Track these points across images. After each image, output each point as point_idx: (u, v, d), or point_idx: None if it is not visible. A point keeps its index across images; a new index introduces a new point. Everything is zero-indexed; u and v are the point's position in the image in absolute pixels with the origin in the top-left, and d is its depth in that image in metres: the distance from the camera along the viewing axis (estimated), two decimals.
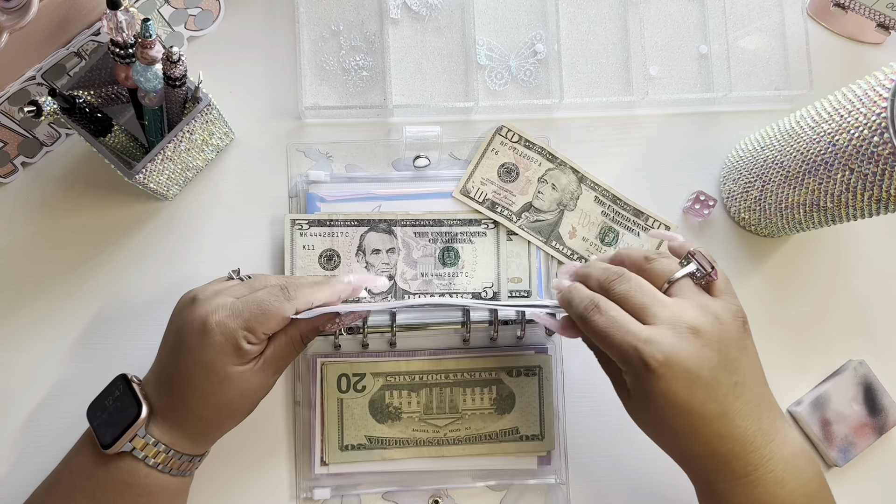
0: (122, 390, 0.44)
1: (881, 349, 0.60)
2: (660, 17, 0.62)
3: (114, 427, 0.43)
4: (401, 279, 0.56)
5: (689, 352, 0.39)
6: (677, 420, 0.39)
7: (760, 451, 0.40)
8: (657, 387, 0.39)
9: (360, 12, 0.60)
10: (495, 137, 0.59)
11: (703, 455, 0.40)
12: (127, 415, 0.43)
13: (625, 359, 0.40)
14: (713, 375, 0.39)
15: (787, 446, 0.41)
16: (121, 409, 0.43)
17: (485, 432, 0.54)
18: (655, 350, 0.38)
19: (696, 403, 0.39)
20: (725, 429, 0.39)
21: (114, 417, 0.43)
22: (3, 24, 0.46)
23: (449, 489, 0.55)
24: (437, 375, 0.54)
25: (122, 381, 0.45)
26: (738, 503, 0.40)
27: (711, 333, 0.40)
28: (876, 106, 0.44)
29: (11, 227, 0.56)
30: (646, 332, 0.39)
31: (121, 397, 0.44)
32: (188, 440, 0.44)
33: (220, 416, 0.45)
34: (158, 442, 0.43)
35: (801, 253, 0.60)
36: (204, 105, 0.50)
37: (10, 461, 0.53)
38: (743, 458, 0.40)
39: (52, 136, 0.57)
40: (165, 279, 0.56)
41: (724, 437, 0.39)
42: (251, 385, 0.45)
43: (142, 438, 0.43)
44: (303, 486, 0.54)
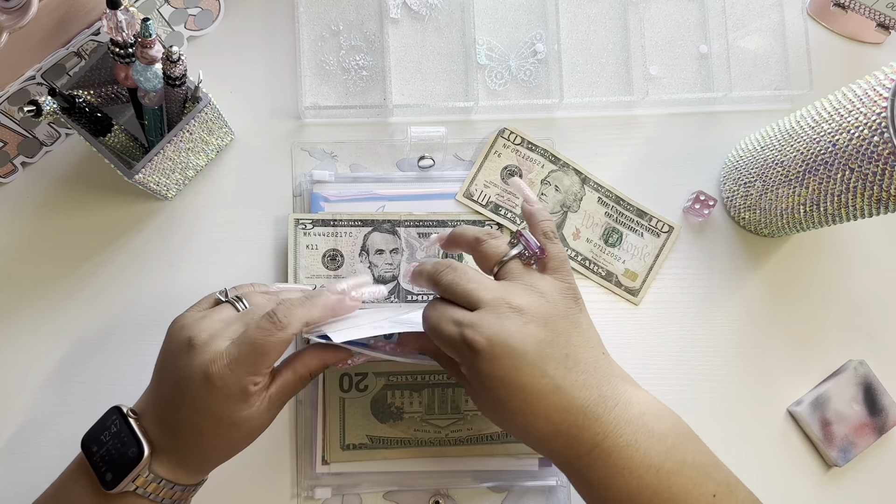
0: (118, 426, 0.42)
1: (881, 349, 0.60)
2: (660, 17, 0.62)
3: (114, 466, 0.41)
4: (403, 279, 0.56)
5: (511, 330, 0.39)
6: (513, 400, 0.39)
7: (604, 418, 0.39)
8: (485, 368, 0.39)
9: (360, 12, 0.60)
10: (497, 140, 0.59)
11: (549, 434, 0.40)
12: (128, 454, 0.41)
13: (454, 347, 0.40)
14: (538, 350, 0.39)
15: (632, 407, 0.40)
16: (120, 448, 0.42)
17: (486, 433, 0.54)
18: (478, 333, 0.39)
19: (526, 380, 0.39)
20: (563, 402, 0.39)
21: (113, 455, 0.42)
22: (2, 24, 0.46)
23: (450, 490, 0.55)
24: (439, 376, 0.54)
25: (117, 416, 0.43)
26: (598, 476, 0.39)
27: (536, 311, 0.40)
28: (876, 106, 0.44)
29: (11, 227, 0.56)
30: (469, 317, 0.40)
31: (118, 434, 0.42)
32: (188, 473, 0.44)
33: (224, 454, 0.44)
34: (160, 478, 0.42)
35: (801, 253, 0.60)
36: (204, 105, 0.50)
37: (9, 460, 0.53)
38: (589, 429, 0.39)
39: (52, 136, 0.57)
40: (165, 279, 0.56)
41: (564, 411, 0.39)
42: (257, 423, 0.44)
43: (143, 477, 0.42)
44: (304, 485, 0.54)
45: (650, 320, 0.58)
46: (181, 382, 0.42)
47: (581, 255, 0.58)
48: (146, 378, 0.55)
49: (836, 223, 0.51)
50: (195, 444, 0.43)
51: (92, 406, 0.54)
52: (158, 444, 0.42)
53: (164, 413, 0.43)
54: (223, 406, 0.41)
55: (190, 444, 0.43)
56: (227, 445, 0.44)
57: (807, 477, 0.57)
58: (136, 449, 0.41)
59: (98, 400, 0.54)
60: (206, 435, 0.42)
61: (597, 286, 0.58)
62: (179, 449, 0.43)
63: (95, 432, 0.43)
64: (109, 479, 0.41)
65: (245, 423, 0.43)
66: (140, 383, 0.54)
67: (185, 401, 0.42)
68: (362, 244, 0.56)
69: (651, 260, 0.59)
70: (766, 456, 0.57)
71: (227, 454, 0.45)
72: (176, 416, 0.42)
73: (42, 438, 0.54)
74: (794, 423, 0.58)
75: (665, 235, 0.59)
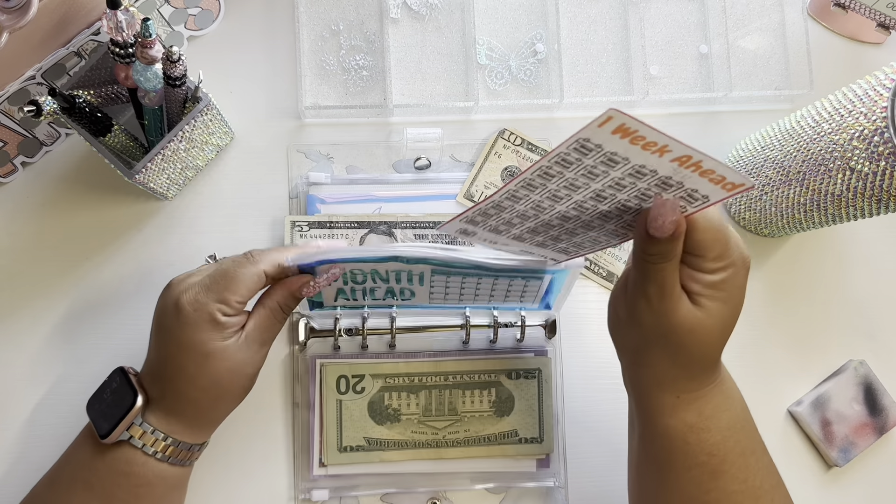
0: (118, 382, 0.45)
1: (881, 349, 0.60)
2: (660, 17, 0.62)
3: (111, 417, 0.43)
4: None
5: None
6: (729, 323, 0.41)
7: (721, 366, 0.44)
8: (741, 283, 0.40)
9: (360, 12, 0.60)
10: (498, 141, 0.59)
11: (711, 360, 0.42)
12: (123, 404, 0.43)
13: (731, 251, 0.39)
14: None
15: None
16: (118, 400, 0.44)
17: (484, 434, 0.54)
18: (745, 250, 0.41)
19: (736, 316, 0.41)
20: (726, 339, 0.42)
21: (111, 408, 0.44)
22: (2, 24, 0.46)
23: (447, 491, 0.55)
24: (437, 377, 0.54)
25: (119, 374, 0.45)
26: (714, 404, 0.42)
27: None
28: (876, 106, 0.44)
29: (11, 227, 0.56)
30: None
31: (118, 389, 0.44)
32: (185, 426, 0.45)
33: (209, 398, 0.45)
34: (156, 430, 0.43)
35: (801, 253, 0.60)
36: (204, 105, 0.50)
37: (9, 460, 0.53)
38: (716, 368, 0.43)
39: (52, 136, 0.57)
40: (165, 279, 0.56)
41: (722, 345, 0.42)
42: (237, 360, 0.44)
43: (139, 427, 0.43)
44: (301, 488, 0.54)
45: None
46: (159, 318, 0.44)
47: None
48: None
49: (836, 223, 0.51)
50: (178, 384, 0.44)
51: None
52: (152, 394, 0.44)
53: (150, 360, 0.45)
54: (193, 333, 0.43)
55: (175, 385, 0.44)
56: (209, 387, 0.44)
57: (807, 477, 0.57)
58: (131, 398, 0.43)
59: None
60: (185, 371, 0.43)
61: (598, 286, 0.58)
62: (167, 394, 0.44)
63: (99, 392, 0.45)
64: (105, 429, 0.43)
65: (220, 356, 0.43)
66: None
67: (162, 335, 0.44)
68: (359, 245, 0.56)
69: None
70: None
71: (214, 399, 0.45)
72: (157, 356, 0.44)
73: (42, 438, 0.54)
74: (794, 424, 0.58)
75: None
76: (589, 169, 0.35)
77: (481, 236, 0.44)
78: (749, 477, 0.42)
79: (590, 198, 0.38)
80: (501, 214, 0.41)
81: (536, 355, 0.55)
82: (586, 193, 0.37)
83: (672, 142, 0.33)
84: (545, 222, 0.41)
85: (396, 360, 0.55)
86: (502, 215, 0.41)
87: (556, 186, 0.37)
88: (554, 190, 0.37)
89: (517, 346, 0.56)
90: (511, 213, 0.41)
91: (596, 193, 0.37)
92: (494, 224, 0.42)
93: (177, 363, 0.43)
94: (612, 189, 0.37)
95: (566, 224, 0.41)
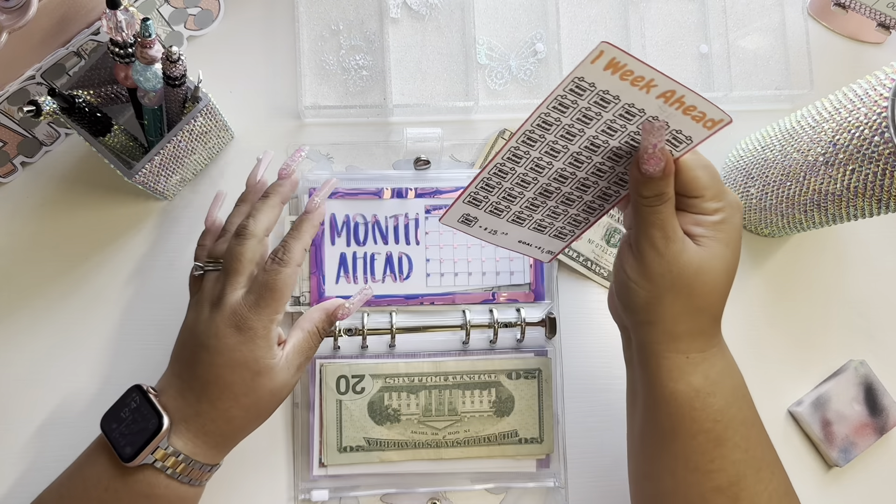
0: (138, 402, 0.44)
1: (882, 349, 0.60)
2: (660, 17, 0.62)
3: (133, 439, 0.42)
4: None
5: None
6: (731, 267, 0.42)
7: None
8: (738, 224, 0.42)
9: (360, 12, 0.60)
10: (497, 141, 0.59)
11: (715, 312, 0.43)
12: (147, 426, 0.42)
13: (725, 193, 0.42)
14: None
15: None
16: (139, 421, 0.43)
17: (484, 435, 0.54)
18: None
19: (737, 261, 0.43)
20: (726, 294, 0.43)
21: (132, 429, 0.43)
22: (2, 24, 0.46)
23: (447, 492, 0.55)
24: (437, 377, 0.54)
25: (137, 393, 0.44)
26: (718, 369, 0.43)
27: None
28: (877, 105, 0.44)
29: (11, 227, 0.56)
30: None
31: (138, 409, 0.43)
32: (210, 447, 0.44)
33: (248, 417, 0.45)
34: (179, 452, 0.43)
35: (801, 253, 0.60)
36: (204, 105, 0.50)
37: (9, 460, 0.53)
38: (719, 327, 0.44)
39: (52, 136, 0.57)
40: (165, 279, 0.56)
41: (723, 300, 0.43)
42: (278, 382, 0.45)
43: (163, 450, 0.42)
44: (301, 488, 0.54)
45: None
46: (207, 340, 0.43)
47: (583, 255, 0.58)
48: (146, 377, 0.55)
49: (836, 223, 0.51)
50: (221, 402, 0.43)
51: (92, 405, 0.54)
52: (180, 414, 0.43)
53: (188, 380, 0.44)
54: (252, 350, 0.43)
55: (216, 404, 0.43)
56: (251, 406, 0.44)
57: (807, 477, 0.57)
58: (156, 421, 0.42)
59: (98, 400, 0.54)
60: (234, 389, 0.43)
61: (599, 286, 0.58)
62: (203, 413, 0.43)
63: (115, 410, 0.44)
64: (129, 452, 0.42)
65: (269, 375, 0.44)
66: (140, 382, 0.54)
67: (214, 356, 0.43)
68: None
69: None
70: None
71: (250, 419, 0.45)
72: (202, 376, 0.43)
73: (42, 438, 0.54)
74: (794, 424, 0.58)
75: None
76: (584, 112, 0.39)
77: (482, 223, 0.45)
78: (751, 447, 0.43)
79: (584, 147, 0.41)
80: (503, 183, 0.43)
81: (536, 355, 0.55)
82: (581, 143, 0.41)
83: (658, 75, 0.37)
84: (543, 189, 0.44)
85: (396, 360, 0.54)
86: (503, 184, 0.43)
87: (554, 137, 0.40)
88: (551, 142, 0.41)
89: (517, 346, 0.56)
90: (512, 181, 0.43)
91: (590, 142, 0.41)
92: (495, 201, 0.44)
93: (225, 381, 0.43)
94: (605, 135, 0.40)
95: (563, 188, 0.44)
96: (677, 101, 0.38)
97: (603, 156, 0.42)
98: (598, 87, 0.37)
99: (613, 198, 0.45)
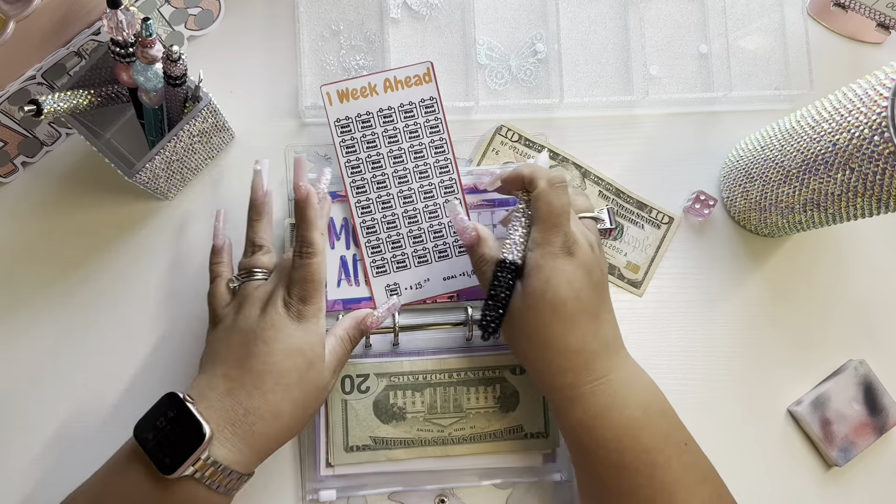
0: (176, 411, 0.42)
1: (881, 349, 0.60)
2: (660, 17, 0.62)
3: (173, 451, 0.41)
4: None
5: (589, 252, 0.47)
6: (570, 304, 0.45)
7: (614, 357, 0.46)
8: (573, 265, 0.45)
9: (360, 12, 0.60)
10: (495, 137, 0.59)
11: (574, 349, 0.45)
12: (187, 437, 0.41)
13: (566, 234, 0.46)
14: (598, 280, 0.46)
15: (629, 357, 0.48)
16: (178, 431, 0.42)
17: (489, 431, 0.54)
18: (581, 237, 0.47)
19: (586, 296, 0.45)
20: (594, 329, 0.46)
21: (171, 440, 0.42)
22: (8, 13, 0.46)
23: (455, 488, 0.55)
24: (441, 375, 0.54)
25: (174, 400, 0.43)
26: (602, 404, 0.45)
27: (597, 252, 0.48)
28: (876, 105, 0.44)
29: (11, 227, 0.56)
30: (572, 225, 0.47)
31: (175, 419, 0.42)
32: (253, 451, 0.44)
33: (294, 414, 0.45)
34: (219, 463, 0.42)
35: (801, 253, 0.60)
36: (204, 104, 0.50)
37: (8, 460, 0.53)
38: (604, 359, 0.45)
39: (52, 136, 0.57)
40: (165, 279, 0.56)
41: (593, 337, 0.45)
42: (325, 378, 0.47)
43: (203, 460, 0.41)
44: (308, 488, 0.54)
45: (650, 320, 0.58)
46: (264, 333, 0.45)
47: None
48: (146, 378, 0.55)
49: (836, 223, 0.52)
50: (274, 394, 0.44)
51: (92, 406, 0.54)
52: (226, 419, 0.43)
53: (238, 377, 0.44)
54: (307, 337, 0.46)
55: (268, 397, 0.44)
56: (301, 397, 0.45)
57: (807, 477, 0.57)
58: (197, 431, 0.41)
59: (98, 400, 0.54)
60: (288, 377, 0.45)
61: None
62: (252, 411, 0.44)
63: (149, 419, 0.43)
64: (168, 463, 0.41)
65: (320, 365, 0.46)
66: (140, 383, 0.54)
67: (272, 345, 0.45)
68: None
69: (652, 252, 0.59)
70: (767, 456, 0.57)
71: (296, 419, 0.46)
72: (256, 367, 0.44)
73: (42, 439, 0.54)
74: (794, 423, 0.58)
75: (665, 226, 0.59)
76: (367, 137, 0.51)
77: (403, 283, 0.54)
78: (656, 473, 0.44)
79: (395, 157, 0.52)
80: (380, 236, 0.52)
81: None
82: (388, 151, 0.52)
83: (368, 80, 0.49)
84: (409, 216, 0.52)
85: (400, 358, 0.55)
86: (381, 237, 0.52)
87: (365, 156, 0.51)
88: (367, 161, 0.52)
89: None
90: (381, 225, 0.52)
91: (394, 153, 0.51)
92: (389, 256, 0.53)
93: (281, 369, 0.45)
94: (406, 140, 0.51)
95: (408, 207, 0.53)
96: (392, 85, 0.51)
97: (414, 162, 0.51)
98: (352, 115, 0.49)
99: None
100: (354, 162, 0.51)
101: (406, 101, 0.51)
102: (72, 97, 0.50)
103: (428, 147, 0.52)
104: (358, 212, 0.51)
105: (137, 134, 0.56)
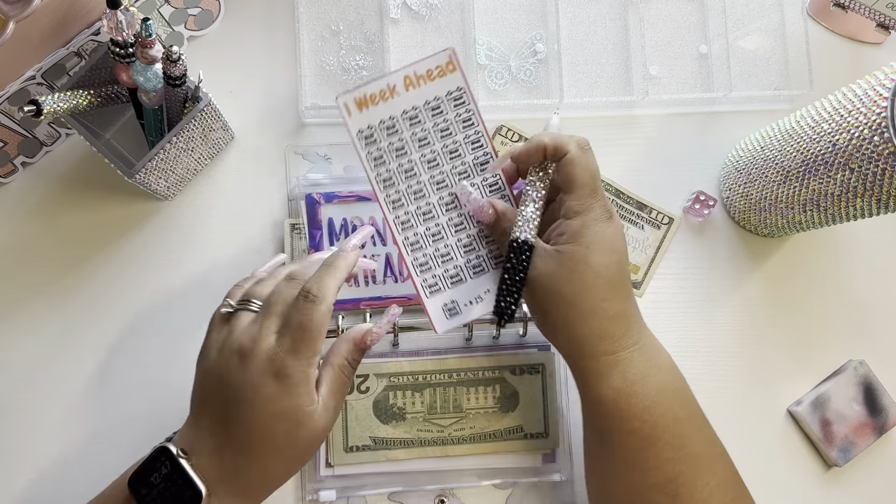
0: (169, 468, 0.40)
1: (881, 349, 0.60)
2: (660, 17, 0.62)
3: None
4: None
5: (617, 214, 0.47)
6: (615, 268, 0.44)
7: (641, 324, 0.46)
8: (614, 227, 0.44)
9: (360, 12, 0.60)
10: (495, 137, 0.59)
11: (618, 313, 0.44)
12: (183, 497, 0.40)
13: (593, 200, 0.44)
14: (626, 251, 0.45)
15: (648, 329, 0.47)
16: (174, 491, 0.40)
17: (489, 431, 0.54)
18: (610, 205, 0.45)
19: (623, 263, 0.44)
20: (629, 294, 0.45)
21: (167, 499, 0.40)
22: (8, 13, 0.46)
23: (454, 488, 0.55)
24: (441, 375, 0.54)
25: (166, 456, 0.41)
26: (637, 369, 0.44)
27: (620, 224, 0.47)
28: (876, 106, 0.44)
29: (11, 227, 0.56)
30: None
31: (170, 476, 0.40)
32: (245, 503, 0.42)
33: (288, 469, 0.43)
34: None
35: (801, 253, 0.60)
36: (204, 105, 0.50)
37: (8, 461, 0.53)
38: (638, 324, 0.45)
39: (52, 136, 0.57)
40: (165, 279, 0.56)
41: (628, 301, 0.45)
42: (319, 428, 0.42)
43: None
44: (308, 489, 0.54)
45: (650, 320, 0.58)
46: (242, 394, 0.40)
47: None
48: (146, 379, 0.55)
49: (835, 223, 0.52)
50: (262, 457, 0.41)
51: (92, 407, 0.54)
52: (218, 477, 0.40)
53: (224, 438, 0.41)
54: (292, 399, 0.40)
55: (255, 459, 0.41)
56: (292, 459, 0.42)
57: (807, 477, 0.57)
58: (192, 492, 0.40)
59: (98, 400, 0.54)
60: (276, 441, 0.41)
61: None
62: (241, 472, 0.41)
63: (144, 473, 0.41)
64: None
65: (308, 422, 0.41)
66: (139, 384, 0.54)
67: (253, 412, 0.40)
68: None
69: (652, 252, 0.59)
70: (767, 456, 0.57)
71: (289, 473, 0.43)
72: (241, 432, 0.41)
73: (41, 440, 0.54)
74: (794, 423, 0.58)
75: (665, 227, 0.59)
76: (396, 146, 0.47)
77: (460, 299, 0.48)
78: (685, 444, 0.43)
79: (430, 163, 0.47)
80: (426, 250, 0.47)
81: (539, 350, 0.55)
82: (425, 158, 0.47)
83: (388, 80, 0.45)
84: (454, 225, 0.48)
85: (400, 358, 0.55)
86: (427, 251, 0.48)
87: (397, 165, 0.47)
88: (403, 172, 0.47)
89: (520, 341, 0.56)
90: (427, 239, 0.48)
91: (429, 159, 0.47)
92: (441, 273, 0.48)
93: (266, 434, 0.40)
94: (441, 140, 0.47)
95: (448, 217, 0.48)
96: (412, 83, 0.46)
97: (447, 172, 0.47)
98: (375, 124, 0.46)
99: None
100: (385, 174, 0.46)
101: (431, 96, 0.46)
102: (71, 97, 0.50)
103: (463, 144, 0.47)
104: (398, 228, 0.46)
105: (137, 134, 0.56)
